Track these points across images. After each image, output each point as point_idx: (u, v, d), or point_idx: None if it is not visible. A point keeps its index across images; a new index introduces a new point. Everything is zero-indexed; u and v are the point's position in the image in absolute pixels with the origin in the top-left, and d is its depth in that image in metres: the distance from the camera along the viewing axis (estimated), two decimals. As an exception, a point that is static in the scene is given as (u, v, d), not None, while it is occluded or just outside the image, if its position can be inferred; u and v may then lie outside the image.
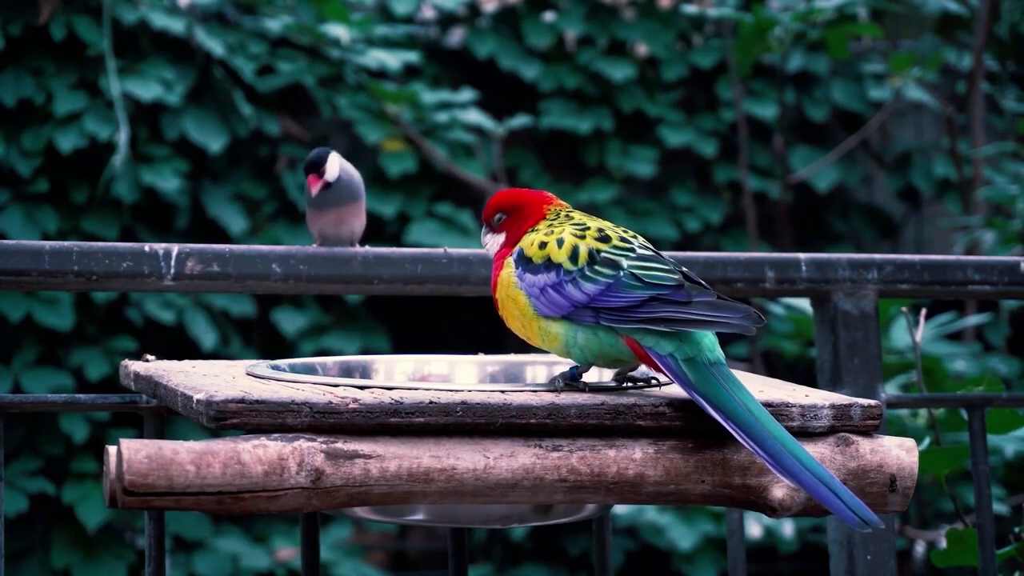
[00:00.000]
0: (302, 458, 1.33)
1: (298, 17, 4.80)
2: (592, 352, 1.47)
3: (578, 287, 1.47)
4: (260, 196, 4.72)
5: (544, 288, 1.49)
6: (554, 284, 1.48)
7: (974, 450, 2.02)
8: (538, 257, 1.50)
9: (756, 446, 1.37)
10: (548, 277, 1.49)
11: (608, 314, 1.45)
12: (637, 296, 1.44)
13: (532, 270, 1.50)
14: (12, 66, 4.41)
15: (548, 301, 1.48)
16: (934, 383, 3.26)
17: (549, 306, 1.48)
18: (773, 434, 1.37)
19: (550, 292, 1.48)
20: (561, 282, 1.48)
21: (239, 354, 4.50)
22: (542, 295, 1.49)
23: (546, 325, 1.48)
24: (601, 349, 1.47)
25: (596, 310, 1.46)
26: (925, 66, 4.78)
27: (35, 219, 4.36)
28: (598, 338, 1.47)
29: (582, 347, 1.47)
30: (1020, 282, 2.13)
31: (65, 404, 1.82)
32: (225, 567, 4.34)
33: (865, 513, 1.35)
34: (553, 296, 1.48)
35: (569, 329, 1.47)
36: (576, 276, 1.47)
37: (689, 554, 4.50)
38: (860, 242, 5.38)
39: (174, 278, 1.88)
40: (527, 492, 1.39)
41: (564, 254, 1.49)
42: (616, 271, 1.46)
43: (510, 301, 1.51)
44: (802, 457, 1.37)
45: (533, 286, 1.49)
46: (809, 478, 1.36)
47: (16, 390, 4.22)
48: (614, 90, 5.16)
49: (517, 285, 1.50)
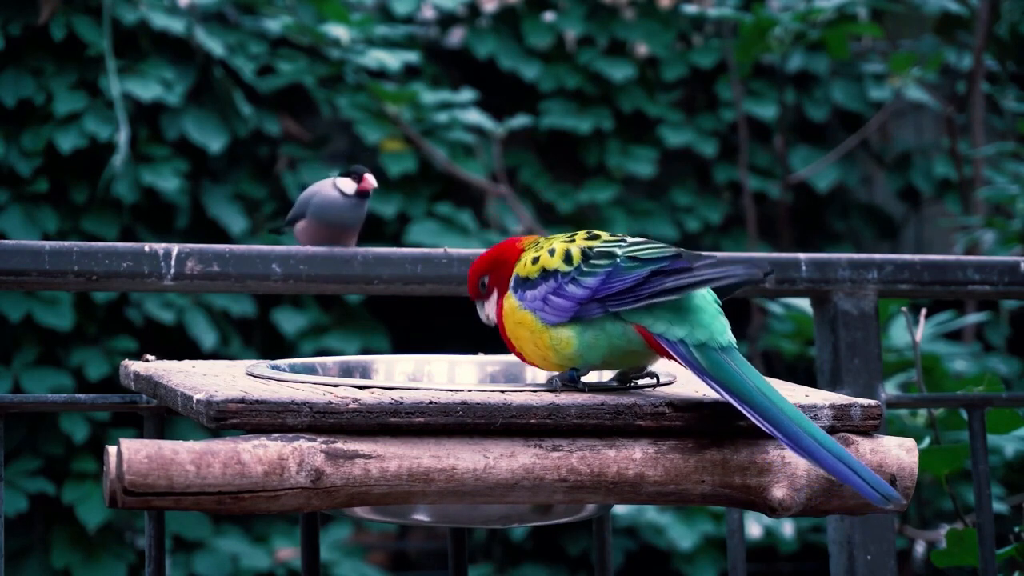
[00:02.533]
0: (302, 458, 1.33)
1: (298, 17, 4.80)
2: (603, 349, 1.46)
3: (579, 284, 1.47)
4: (260, 196, 4.72)
5: (546, 297, 1.48)
6: (555, 290, 1.48)
7: (974, 450, 2.02)
8: (534, 272, 1.49)
9: (773, 428, 1.37)
10: (548, 286, 1.48)
11: (614, 300, 1.44)
12: (638, 275, 1.44)
13: (531, 286, 1.49)
14: (12, 66, 4.41)
15: (553, 308, 1.47)
16: (934, 383, 3.26)
17: (555, 312, 1.47)
18: (789, 415, 1.37)
19: (552, 299, 1.48)
20: (561, 285, 1.47)
21: (239, 354, 4.50)
22: (545, 305, 1.48)
23: (555, 333, 1.47)
24: (611, 343, 1.46)
25: (601, 300, 1.45)
26: (925, 66, 4.78)
27: (35, 219, 4.36)
28: (606, 333, 1.46)
29: (592, 346, 1.46)
30: (1020, 282, 2.13)
31: (65, 404, 1.82)
32: (225, 567, 4.34)
33: (885, 489, 1.36)
34: (556, 301, 1.47)
35: (578, 330, 1.46)
36: (574, 275, 1.47)
37: (689, 554, 4.50)
38: (860, 242, 5.38)
39: (174, 278, 1.88)
40: (527, 492, 1.39)
41: (558, 259, 1.49)
42: (612, 259, 1.46)
43: (519, 327, 1.49)
44: (819, 436, 1.37)
45: (535, 300, 1.48)
46: (828, 457, 1.36)
47: (16, 390, 4.22)
48: (614, 90, 5.16)
49: (520, 307, 1.49)
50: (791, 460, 1.43)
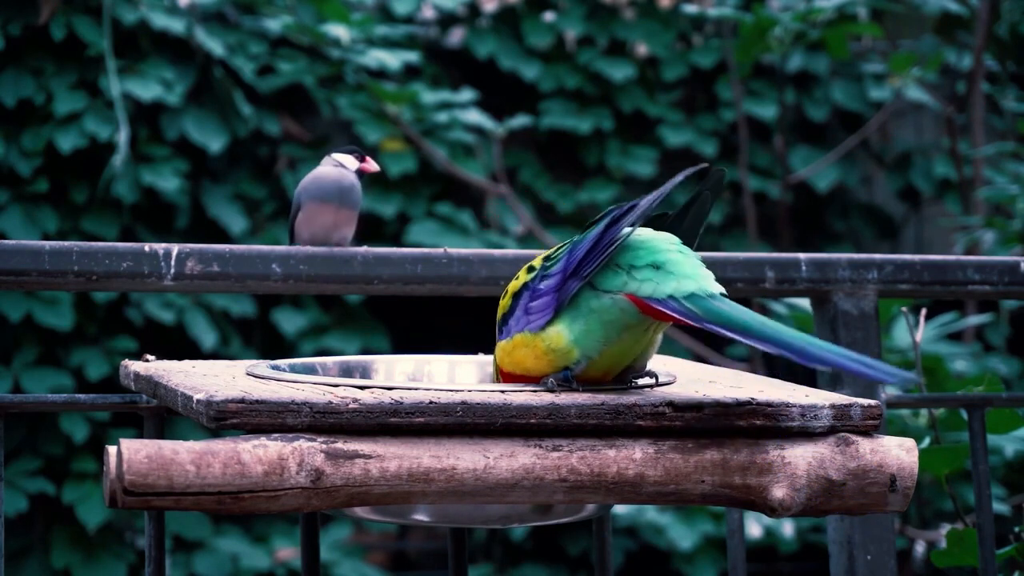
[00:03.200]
0: (302, 458, 1.33)
1: (298, 17, 4.80)
2: (598, 332, 1.45)
3: (548, 276, 1.47)
4: (260, 196, 4.72)
5: (525, 308, 1.48)
6: (531, 296, 1.48)
7: (974, 450, 2.02)
8: (506, 305, 1.51)
9: (782, 349, 1.38)
10: (522, 301, 1.49)
11: (584, 266, 1.44)
12: (595, 233, 1.44)
13: (509, 315, 1.50)
14: (12, 66, 4.41)
15: (535, 312, 1.47)
16: (934, 383, 3.26)
17: (538, 314, 1.47)
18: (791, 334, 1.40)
19: (531, 306, 1.48)
20: (533, 290, 1.48)
21: (239, 354, 4.50)
22: (526, 315, 1.48)
23: (546, 334, 1.47)
24: (603, 322, 1.45)
25: (574, 274, 1.45)
26: (925, 66, 4.78)
27: (35, 219, 4.36)
28: (595, 312, 1.45)
29: (586, 331, 1.46)
30: (1020, 282, 2.13)
31: (65, 404, 1.82)
32: (225, 567, 4.34)
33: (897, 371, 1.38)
34: (535, 304, 1.47)
35: (566, 322, 1.46)
36: (540, 274, 1.48)
37: (689, 554, 4.50)
38: (860, 242, 5.38)
39: (174, 278, 1.88)
40: (527, 492, 1.39)
41: (523, 276, 1.50)
42: (570, 243, 1.47)
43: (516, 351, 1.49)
44: (824, 344, 1.39)
45: (518, 321, 1.49)
46: (839, 358, 1.38)
47: (16, 390, 4.22)
48: (614, 90, 5.16)
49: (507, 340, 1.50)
50: (791, 460, 1.43)
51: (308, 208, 2.05)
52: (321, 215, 2.04)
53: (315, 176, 2.07)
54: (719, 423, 1.42)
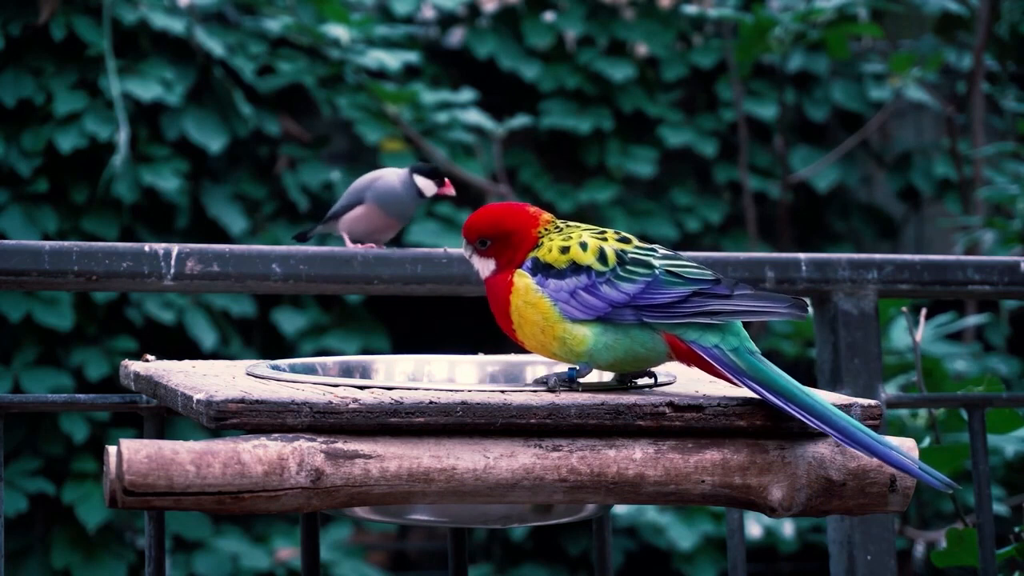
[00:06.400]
0: (302, 458, 1.33)
1: (298, 17, 4.80)
2: (618, 352, 1.46)
3: (615, 287, 1.46)
4: (260, 196, 4.72)
5: (574, 292, 1.47)
6: (586, 287, 1.47)
7: (974, 450, 2.02)
8: (561, 262, 1.48)
9: (824, 424, 1.38)
10: (578, 280, 1.47)
11: (651, 312, 1.44)
12: (680, 292, 1.44)
13: (556, 275, 1.47)
14: (12, 66, 4.41)
15: (580, 304, 1.46)
16: (934, 383, 3.26)
17: (582, 309, 1.46)
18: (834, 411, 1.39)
19: (582, 295, 1.47)
20: (594, 284, 1.47)
21: (239, 354, 4.50)
22: (572, 299, 1.47)
23: (571, 328, 1.46)
24: (630, 348, 1.46)
25: (637, 308, 1.45)
26: (925, 66, 4.78)
27: (35, 219, 4.36)
28: (630, 337, 1.45)
29: (609, 347, 1.46)
30: (1020, 282, 2.13)
31: (65, 404, 1.82)
32: (225, 567, 4.34)
33: (942, 477, 1.39)
34: (586, 299, 1.46)
35: (598, 330, 1.46)
36: (610, 277, 1.46)
37: (689, 554, 4.50)
38: (860, 242, 5.38)
39: (174, 278, 1.88)
40: (527, 492, 1.39)
41: (591, 256, 1.48)
42: (650, 269, 1.46)
43: (529, 307, 1.48)
44: (869, 432, 1.39)
45: (560, 291, 1.47)
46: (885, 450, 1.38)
47: (16, 390, 4.22)
48: (614, 90, 5.16)
49: (538, 291, 1.47)
50: (791, 460, 1.43)
51: (368, 209, 2.03)
52: (377, 220, 2.03)
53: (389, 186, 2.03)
54: (719, 423, 1.42)
